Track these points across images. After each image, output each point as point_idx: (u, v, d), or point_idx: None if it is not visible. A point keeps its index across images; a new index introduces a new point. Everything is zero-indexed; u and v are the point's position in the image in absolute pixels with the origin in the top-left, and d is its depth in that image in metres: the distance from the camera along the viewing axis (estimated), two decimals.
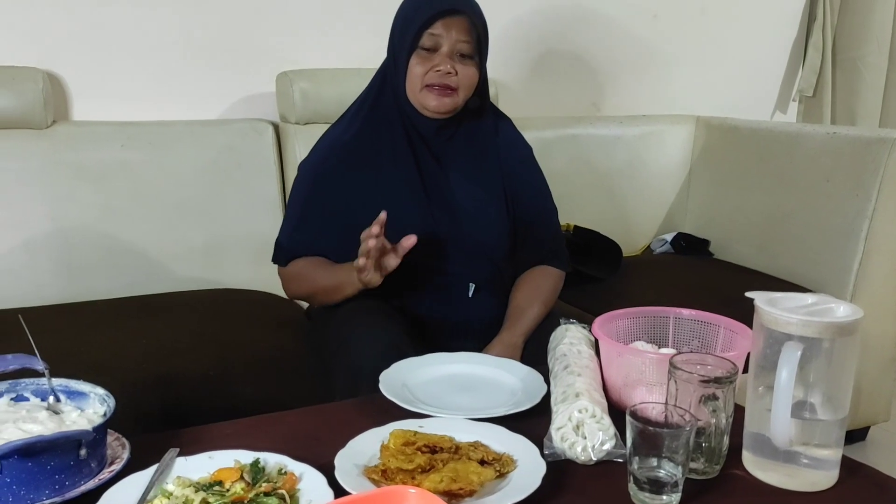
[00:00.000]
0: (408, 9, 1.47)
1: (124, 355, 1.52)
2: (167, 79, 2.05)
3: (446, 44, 1.43)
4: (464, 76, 1.45)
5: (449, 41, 1.42)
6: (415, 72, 1.44)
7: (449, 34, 1.42)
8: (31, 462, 0.85)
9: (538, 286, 1.55)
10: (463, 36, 1.43)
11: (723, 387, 0.96)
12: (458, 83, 1.44)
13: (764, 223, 2.32)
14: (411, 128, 1.50)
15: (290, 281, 1.57)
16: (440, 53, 1.43)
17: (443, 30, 1.42)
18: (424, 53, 1.44)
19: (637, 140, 2.53)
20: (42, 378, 1.01)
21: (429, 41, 1.43)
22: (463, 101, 1.48)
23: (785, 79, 3.01)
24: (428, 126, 1.50)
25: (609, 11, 2.59)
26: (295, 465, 0.94)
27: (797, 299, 0.99)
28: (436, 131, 1.51)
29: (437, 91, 1.44)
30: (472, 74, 1.46)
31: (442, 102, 1.45)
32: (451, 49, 1.43)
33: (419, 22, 1.42)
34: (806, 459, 0.97)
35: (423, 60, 1.44)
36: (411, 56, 1.44)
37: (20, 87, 1.79)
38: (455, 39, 1.43)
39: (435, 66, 1.43)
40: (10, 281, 1.80)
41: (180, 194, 1.95)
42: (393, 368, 1.23)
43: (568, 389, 1.08)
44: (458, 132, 1.54)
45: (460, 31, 1.43)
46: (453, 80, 1.44)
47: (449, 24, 1.42)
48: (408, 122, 1.50)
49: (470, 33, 1.44)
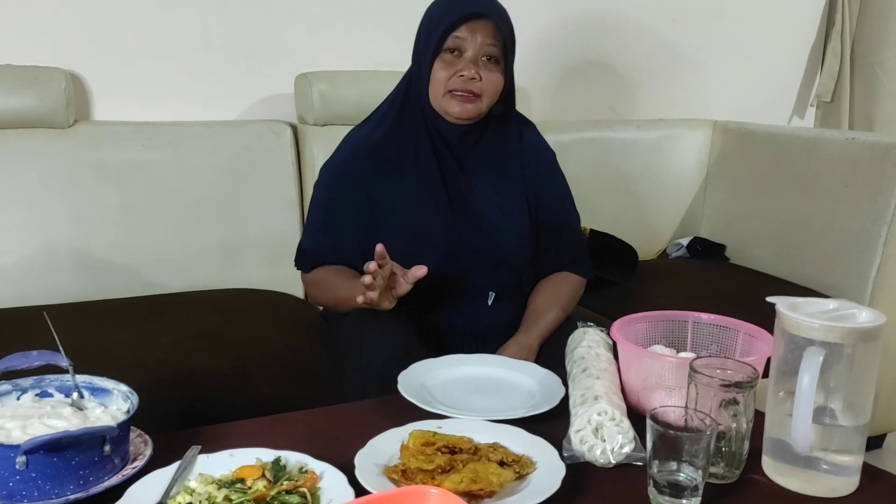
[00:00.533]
0: (434, 12, 1.46)
1: (143, 353, 1.53)
2: (187, 79, 2.06)
3: (471, 48, 1.41)
4: (488, 82, 1.42)
5: (474, 46, 1.40)
6: (438, 76, 1.42)
7: (474, 38, 1.40)
8: (57, 457, 0.86)
9: (558, 291, 1.54)
10: (489, 40, 1.41)
11: (744, 391, 0.96)
12: (481, 89, 1.42)
13: (781, 228, 2.31)
14: (435, 133, 1.49)
15: (312, 288, 1.56)
16: (464, 58, 1.41)
17: (468, 34, 1.40)
18: (449, 57, 1.42)
19: (654, 144, 2.53)
20: (66, 375, 1.02)
21: (453, 45, 1.41)
22: (487, 108, 1.46)
23: (803, 84, 2.99)
24: (451, 132, 1.48)
25: (628, 15, 2.59)
26: (315, 463, 0.95)
27: (819, 304, 0.99)
28: (459, 137, 1.49)
29: (461, 97, 1.42)
30: (497, 80, 1.44)
31: (465, 108, 1.43)
32: (475, 54, 1.41)
33: (444, 25, 1.40)
34: (826, 465, 0.96)
35: (446, 65, 1.42)
36: (435, 60, 1.42)
37: (43, 86, 1.81)
38: (480, 44, 1.40)
39: (458, 71, 1.40)
40: (31, 278, 1.81)
41: (199, 194, 1.96)
42: (411, 369, 1.24)
43: (587, 392, 1.08)
44: (482, 138, 1.52)
45: (486, 36, 1.40)
46: (477, 85, 1.41)
47: (474, 28, 1.40)
48: (432, 128, 1.48)
49: (496, 37, 1.41)
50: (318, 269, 1.52)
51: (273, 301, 1.93)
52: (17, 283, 1.80)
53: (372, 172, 1.48)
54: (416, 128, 1.49)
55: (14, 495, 0.86)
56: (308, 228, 1.55)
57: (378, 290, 1.27)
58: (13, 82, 1.79)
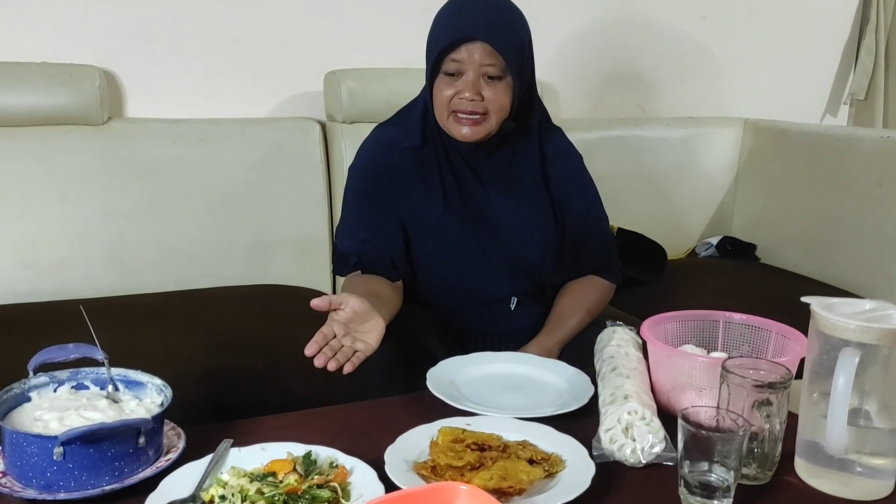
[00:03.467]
0: (433, 31, 1.41)
1: (174, 348, 1.55)
2: (218, 77, 2.08)
3: (470, 69, 1.35)
4: (492, 101, 1.36)
5: (472, 66, 1.34)
6: (441, 97, 1.38)
7: (472, 58, 1.34)
8: (93, 448, 0.88)
9: (585, 295, 1.51)
10: (487, 59, 1.34)
11: (777, 392, 0.95)
12: (486, 108, 1.37)
13: (813, 228, 2.28)
14: (451, 147, 1.45)
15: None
16: (465, 80, 1.36)
17: (465, 54, 1.34)
18: (448, 78, 1.37)
19: (683, 142, 2.51)
20: (101, 367, 1.03)
21: (452, 67, 1.36)
22: (497, 124, 1.40)
23: (836, 81, 2.95)
24: (465, 147, 1.44)
25: (656, 13, 2.57)
26: (346, 458, 0.95)
27: (855, 305, 0.97)
28: (473, 151, 1.45)
29: (466, 121, 1.37)
30: (502, 96, 1.37)
31: (474, 131, 1.38)
32: (475, 74, 1.35)
33: (441, 46, 1.35)
34: (860, 468, 0.95)
35: (448, 85, 1.37)
36: (436, 80, 1.38)
37: (78, 84, 1.84)
38: (479, 63, 1.34)
39: (460, 93, 1.36)
40: (64, 272, 1.84)
41: (228, 191, 1.98)
42: (440, 366, 1.24)
43: (617, 391, 1.07)
44: (499, 150, 1.47)
45: (484, 55, 1.34)
46: (480, 105, 1.36)
47: (471, 48, 1.34)
48: (447, 141, 1.45)
49: (495, 56, 1.34)
50: (352, 277, 1.45)
51: (301, 297, 1.92)
52: (52, 277, 1.83)
53: (398, 175, 1.45)
54: (436, 139, 1.46)
55: (51, 485, 0.88)
56: (342, 231, 1.51)
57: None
58: (49, 80, 1.83)
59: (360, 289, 1.31)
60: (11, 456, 0.89)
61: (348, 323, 1.15)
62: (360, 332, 1.16)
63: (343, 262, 1.48)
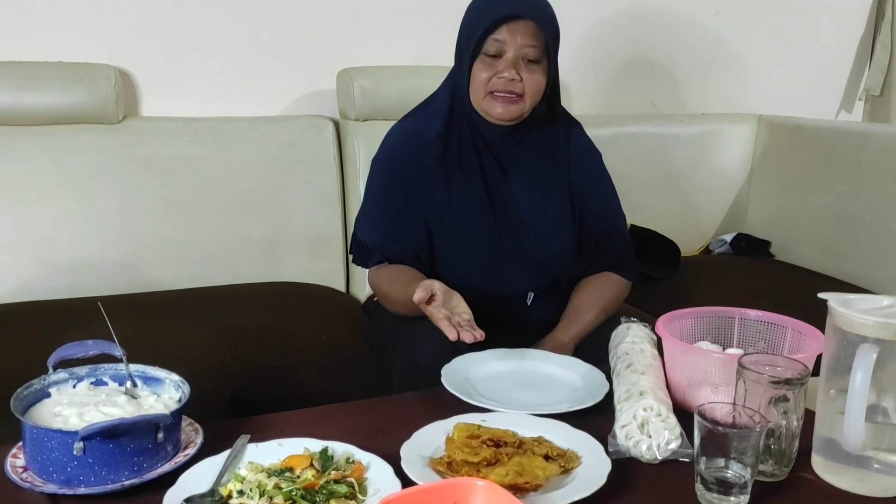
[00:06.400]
0: (473, 12, 1.43)
1: (190, 345, 1.56)
2: (232, 76, 2.09)
3: (511, 49, 1.37)
4: (529, 82, 1.39)
5: (514, 46, 1.37)
6: (479, 78, 1.40)
7: (514, 39, 1.37)
8: (113, 444, 0.89)
9: (601, 291, 1.52)
10: (529, 40, 1.37)
11: (794, 388, 0.94)
12: (523, 90, 1.39)
13: (828, 225, 2.26)
14: (478, 135, 1.46)
15: (373, 289, 1.53)
16: (504, 59, 1.38)
17: (507, 35, 1.37)
18: (488, 59, 1.39)
19: (696, 139, 2.50)
20: (120, 364, 1.04)
21: (493, 47, 1.38)
22: (530, 108, 1.43)
23: (851, 77, 2.93)
24: (494, 133, 1.46)
25: (669, 8, 2.56)
26: (362, 454, 0.96)
27: (872, 301, 0.97)
28: (501, 138, 1.46)
29: (502, 98, 1.39)
30: (539, 80, 1.40)
31: (508, 110, 1.40)
32: (515, 55, 1.38)
33: (483, 27, 1.37)
34: (878, 464, 0.95)
35: (487, 66, 1.39)
36: (475, 62, 1.40)
37: (94, 83, 1.85)
38: (520, 45, 1.37)
39: (499, 73, 1.38)
40: (81, 270, 1.85)
41: (243, 188, 1.99)
42: (455, 362, 1.24)
43: (632, 388, 1.07)
44: (525, 139, 1.49)
45: (526, 36, 1.37)
46: (518, 86, 1.39)
47: (514, 28, 1.36)
48: (474, 129, 1.46)
49: (537, 37, 1.37)
50: (378, 270, 1.47)
51: (316, 294, 1.95)
52: (68, 275, 1.84)
53: (422, 169, 1.46)
54: (461, 130, 1.47)
55: (72, 480, 0.88)
56: (363, 221, 1.51)
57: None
58: (66, 79, 1.84)
59: (410, 275, 1.39)
60: (32, 451, 0.90)
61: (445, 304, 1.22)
62: (456, 307, 1.23)
63: (366, 256, 1.49)
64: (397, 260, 1.45)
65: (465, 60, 1.42)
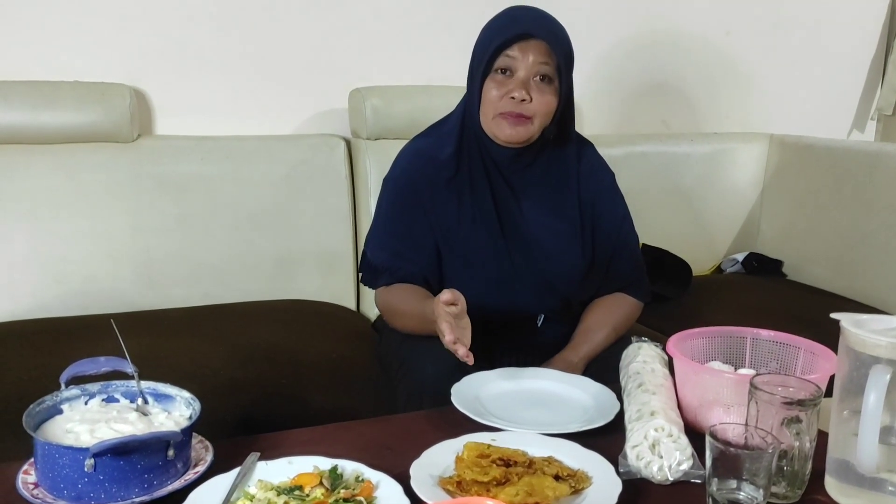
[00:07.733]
0: (487, 32, 1.43)
1: (201, 362, 1.57)
2: (245, 95, 2.11)
3: (522, 68, 1.37)
4: (539, 104, 1.38)
5: (525, 65, 1.37)
6: (489, 96, 1.39)
7: (525, 57, 1.37)
8: (123, 461, 0.89)
9: (612, 311, 1.51)
10: (541, 58, 1.37)
11: (806, 409, 0.94)
12: (533, 111, 1.38)
13: (841, 245, 2.25)
14: (487, 156, 1.46)
15: (381, 308, 1.53)
16: (516, 78, 1.37)
17: (519, 52, 1.37)
18: (499, 77, 1.38)
19: (708, 158, 2.50)
20: (131, 381, 1.05)
21: (504, 64, 1.38)
22: (539, 130, 1.42)
23: (863, 97, 2.92)
24: (503, 155, 1.45)
25: (680, 28, 2.57)
26: (371, 473, 0.95)
27: (885, 321, 0.96)
28: (511, 160, 1.46)
29: (511, 120, 1.38)
30: (549, 101, 1.39)
31: (515, 132, 1.39)
32: (527, 73, 1.37)
33: (496, 44, 1.37)
34: (892, 487, 0.94)
35: (497, 85, 1.38)
36: (486, 79, 1.39)
37: (109, 102, 1.87)
38: (532, 63, 1.37)
39: (509, 93, 1.37)
40: (94, 287, 1.87)
41: (255, 207, 2.00)
42: (465, 381, 1.24)
43: (643, 408, 1.07)
44: (536, 161, 1.48)
45: (538, 55, 1.37)
46: (528, 107, 1.38)
47: (526, 47, 1.36)
48: (484, 150, 1.46)
49: (549, 56, 1.37)
50: (387, 292, 1.47)
51: (326, 312, 1.95)
52: (81, 292, 1.85)
53: (433, 189, 1.46)
54: (471, 151, 1.46)
55: (82, 497, 0.89)
56: (373, 241, 1.51)
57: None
58: (81, 98, 1.86)
59: (421, 293, 1.38)
60: (44, 467, 0.91)
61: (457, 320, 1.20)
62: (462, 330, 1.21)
63: (374, 276, 1.49)
64: (406, 281, 1.44)
65: (477, 78, 1.42)
